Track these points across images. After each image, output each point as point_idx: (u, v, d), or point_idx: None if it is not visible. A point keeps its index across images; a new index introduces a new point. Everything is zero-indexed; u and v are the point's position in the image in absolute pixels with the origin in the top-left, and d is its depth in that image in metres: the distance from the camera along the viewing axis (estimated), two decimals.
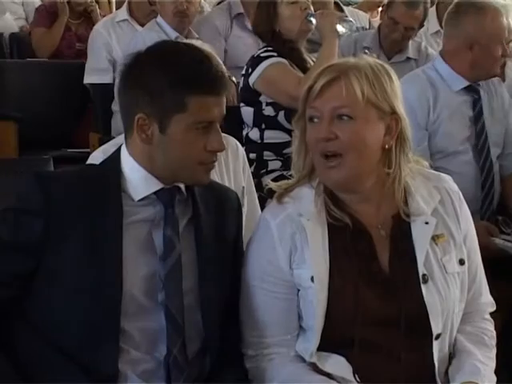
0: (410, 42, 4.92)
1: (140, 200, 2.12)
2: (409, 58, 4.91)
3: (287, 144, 3.99)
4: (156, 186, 2.12)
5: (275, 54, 4.05)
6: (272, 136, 4.07)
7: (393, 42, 4.86)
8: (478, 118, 3.61)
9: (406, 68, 4.66)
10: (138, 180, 2.12)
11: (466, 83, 3.60)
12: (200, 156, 2.08)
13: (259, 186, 3.76)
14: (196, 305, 2.15)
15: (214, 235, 2.19)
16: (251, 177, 3.21)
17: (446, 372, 2.21)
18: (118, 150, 2.18)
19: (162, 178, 2.12)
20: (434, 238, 2.21)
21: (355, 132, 2.14)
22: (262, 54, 4.08)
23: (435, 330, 2.15)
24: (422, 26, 4.88)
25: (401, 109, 2.19)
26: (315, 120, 2.18)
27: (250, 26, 5.45)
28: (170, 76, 2.03)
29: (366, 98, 2.13)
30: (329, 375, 2.12)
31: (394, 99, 2.17)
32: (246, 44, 5.29)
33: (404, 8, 4.75)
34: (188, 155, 2.08)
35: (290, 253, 2.17)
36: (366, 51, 4.33)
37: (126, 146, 2.15)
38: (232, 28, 5.42)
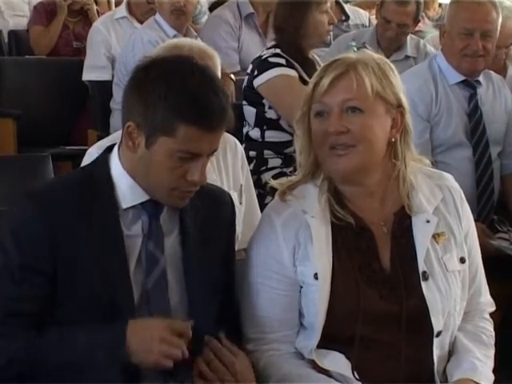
0: (409, 39, 4.93)
1: (127, 209, 2.08)
2: (407, 57, 4.91)
3: (288, 143, 4.00)
4: (142, 197, 2.08)
5: (283, 60, 4.01)
6: (273, 135, 4.06)
7: (389, 40, 4.86)
8: (472, 113, 3.63)
9: (405, 66, 4.68)
10: (124, 187, 2.07)
11: (461, 77, 3.62)
12: (177, 182, 2.02)
13: (258, 183, 3.77)
14: (185, 316, 2.11)
15: (201, 247, 2.14)
16: (250, 174, 3.22)
17: (445, 370, 2.22)
18: (105, 154, 2.13)
19: (145, 191, 2.08)
20: (435, 237, 2.21)
21: (365, 124, 2.14)
22: (270, 59, 4.02)
23: (436, 328, 2.16)
24: (417, 21, 4.89)
25: (405, 102, 2.21)
26: (323, 115, 2.18)
27: (259, 26, 5.48)
28: (169, 97, 1.96)
29: (376, 91, 2.14)
30: (328, 372, 2.13)
31: (399, 92, 2.19)
32: (256, 45, 5.30)
33: (395, 5, 4.76)
34: (164, 178, 2.02)
35: (293, 250, 2.17)
36: (366, 45, 4.33)
37: (118, 149, 2.11)
38: (242, 29, 5.42)
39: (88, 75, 5.38)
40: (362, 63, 2.16)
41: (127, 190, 2.07)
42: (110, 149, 2.15)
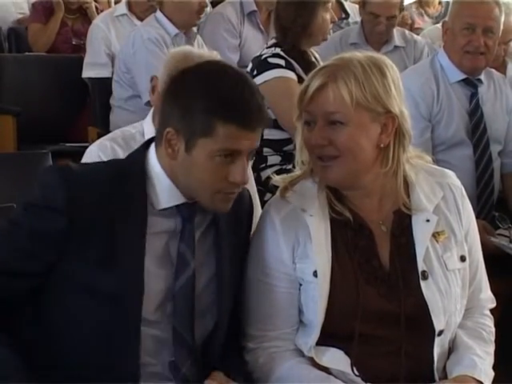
0: (394, 30, 4.95)
1: (161, 210, 2.08)
2: (396, 47, 4.93)
3: (287, 141, 4.00)
4: (179, 199, 2.08)
5: (283, 61, 3.99)
6: (272, 134, 4.05)
7: (379, 35, 4.88)
8: (473, 112, 3.64)
9: (396, 57, 4.71)
10: (162, 188, 2.07)
11: (462, 75, 3.63)
12: (220, 184, 2.03)
13: (258, 180, 3.77)
14: (209, 308, 2.14)
15: (230, 239, 2.17)
16: (251, 171, 3.21)
17: (444, 367, 2.22)
18: (142, 149, 2.13)
19: (184, 193, 2.08)
20: (435, 235, 2.21)
21: (348, 137, 2.14)
22: (269, 59, 4.00)
23: (438, 327, 2.16)
24: (401, 9, 4.92)
25: (396, 106, 2.16)
26: (310, 124, 2.19)
27: (261, 24, 5.46)
28: (206, 98, 1.98)
29: (356, 102, 2.12)
30: (328, 369, 2.13)
31: (387, 98, 2.15)
32: (258, 43, 5.29)
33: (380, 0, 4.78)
34: (207, 181, 2.02)
35: (292, 247, 2.18)
36: None
37: (155, 151, 2.10)
38: (244, 26, 5.42)
39: (88, 72, 5.38)
40: (344, 72, 2.13)
41: (165, 191, 2.08)
42: (147, 143, 2.15)
